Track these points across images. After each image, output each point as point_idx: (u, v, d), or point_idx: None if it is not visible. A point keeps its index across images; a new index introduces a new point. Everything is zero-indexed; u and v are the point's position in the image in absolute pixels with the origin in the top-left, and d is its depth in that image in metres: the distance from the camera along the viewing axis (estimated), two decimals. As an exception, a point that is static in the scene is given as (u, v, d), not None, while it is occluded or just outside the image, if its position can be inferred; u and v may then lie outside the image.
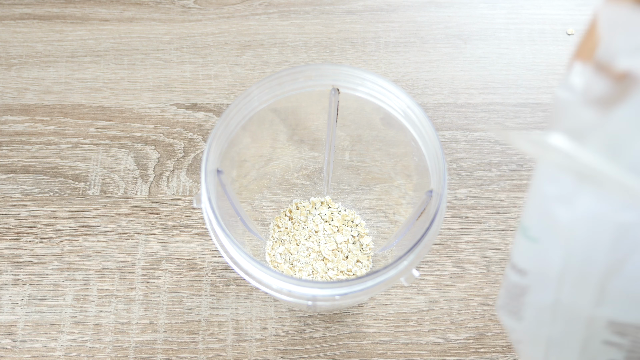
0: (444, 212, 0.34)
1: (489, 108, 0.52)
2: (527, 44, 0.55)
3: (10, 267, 0.45)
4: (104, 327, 0.42)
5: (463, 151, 0.50)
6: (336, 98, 0.39)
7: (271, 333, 0.43)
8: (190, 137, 0.50)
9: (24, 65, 0.53)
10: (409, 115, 0.36)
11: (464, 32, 0.56)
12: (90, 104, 0.51)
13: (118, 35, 0.55)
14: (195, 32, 0.55)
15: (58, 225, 0.46)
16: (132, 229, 0.46)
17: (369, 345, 0.42)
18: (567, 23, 0.57)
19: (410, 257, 0.32)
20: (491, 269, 0.45)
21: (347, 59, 0.54)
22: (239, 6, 0.57)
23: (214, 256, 0.45)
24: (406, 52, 0.55)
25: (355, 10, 0.57)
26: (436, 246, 0.46)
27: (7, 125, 0.50)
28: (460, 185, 0.48)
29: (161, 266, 0.45)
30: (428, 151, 0.36)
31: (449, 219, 0.47)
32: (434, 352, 0.42)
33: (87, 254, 0.45)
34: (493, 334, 0.43)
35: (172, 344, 0.42)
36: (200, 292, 0.44)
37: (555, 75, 0.54)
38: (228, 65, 0.53)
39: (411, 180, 0.43)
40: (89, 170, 0.48)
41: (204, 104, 0.52)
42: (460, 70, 0.54)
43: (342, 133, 0.44)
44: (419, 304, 0.44)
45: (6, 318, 0.43)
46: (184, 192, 0.48)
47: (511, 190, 0.48)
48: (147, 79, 0.53)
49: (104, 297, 0.44)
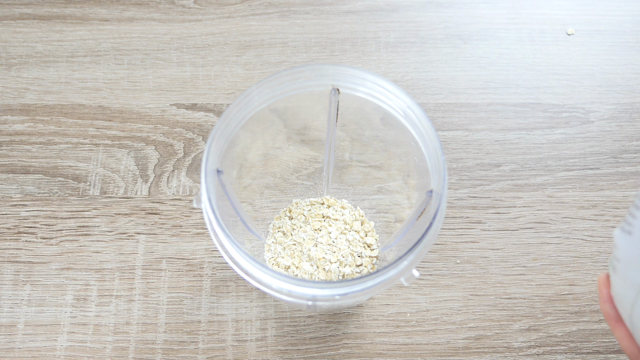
0: (444, 212, 0.34)
1: (489, 108, 0.52)
2: (527, 44, 0.55)
3: (10, 267, 0.45)
4: (104, 327, 0.42)
5: (463, 151, 0.50)
6: (336, 98, 0.39)
7: (271, 333, 0.43)
8: (190, 137, 0.50)
9: (24, 65, 0.53)
10: (409, 115, 0.36)
11: (464, 32, 0.56)
12: (90, 104, 0.51)
13: (118, 35, 0.55)
14: (195, 32, 0.55)
15: (58, 225, 0.46)
16: (132, 229, 0.46)
17: (369, 345, 0.42)
18: (567, 23, 0.57)
19: (410, 257, 0.32)
20: (491, 269, 0.45)
21: (347, 59, 0.54)
22: (239, 6, 0.57)
23: (214, 256, 0.45)
24: (406, 52, 0.55)
25: (355, 10, 0.57)
26: (436, 246, 0.46)
27: (7, 125, 0.50)
28: (460, 185, 0.48)
29: (161, 266, 0.45)
30: (428, 151, 0.36)
31: (449, 219, 0.47)
32: (434, 352, 0.42)
33: (87, 254, 0.45)
34: (493, 334, 0.43)
35: (172, 344, 0.42)
36: (200, 292, 0.44)
37: (555, 75, 0.54)
38: (228, 65, 0.53)
39: (411, 180, 0.43)
40: (89, 170, 0.48)
41: (204, 104, 0.52)
42: (460, 70, 0.54)
43: (342, 133, 0.44)
44: (419, 304, 0.44)
45: (6, 318, 0.43)
46: (184, 192, 0.48)
47: (511, 190, 0.48)
48: (147, 79, 0.53)
49: (104, 297, 0.43)
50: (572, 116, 0.52)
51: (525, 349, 0.42)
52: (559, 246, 0.46)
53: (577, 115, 0.52)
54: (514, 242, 0.46)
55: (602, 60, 0.55)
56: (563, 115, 0.52)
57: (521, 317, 0.43)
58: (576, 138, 0.51)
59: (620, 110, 0.52)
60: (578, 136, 0.51)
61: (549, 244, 0.46)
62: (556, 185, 0.48)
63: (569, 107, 0.52)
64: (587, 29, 0.56)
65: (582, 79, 0.54)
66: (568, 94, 0.53)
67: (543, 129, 0.51)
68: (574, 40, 0.56)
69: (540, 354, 0.42)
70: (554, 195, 0.48)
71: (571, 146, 0.50)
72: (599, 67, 0.54)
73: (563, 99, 0.53)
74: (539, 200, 0.48)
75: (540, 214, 0.47)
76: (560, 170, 0.49)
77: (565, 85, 0.53)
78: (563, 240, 0.46)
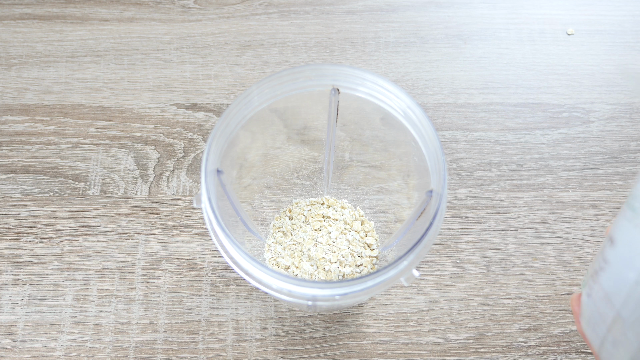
0: (444, 212, 0.34)
1: (489, 108, 0.52)
2: (527, 44, 0.55)
3: (10, 267, 0.45)
4: (104, 327, 0.42)
5: (463, 151, 0.50)
6: (336, 98, 0.39)
7: (271, 333, 0.43)
8: (190, 137, 0.50)
9: (24, 65, 0.53)
10: (409, 115, 0.36)
11: (464, 32, 0.56)
12: (90, 104, 0.51)
13: (118, 35, 0.55)
14: (195, 32, 0.55)
15: (58, 225, 0.46)
16: (132, 229, 0.46)
17: (369, 345, 0.42)
18: (567, 23, 0.57)
19: (410, 257, 0.32)
20: (491, 269, 0.45)
21: (347, 59, 0.54)
22: (239, 6, 0.57)
23: (214, 256, 0.45)
24: (406, 52, 0.55)
25: (355, 10, 0.57)
26: (436, 246, 0.46)
27: (7, 125, 0.50)
28: (460, 185, 0.48)
29: (161, 266, 0.45)
30: (428, 151, 0.36)
31: (449, 219, 0.47)
32: (434, 352, 0.42)
33: (87, 254, 0.45)
34: (493, 334, 0.43)
35: (172, 344, 0.42)
36: (200, 292, 0.44)
37: (555, 75, 0.54)
38: (228, 65, 0.53)
39: (411, 180, 0.43)
40: (89, 170, 0.48)
41: (204, 104, 0.52)
42: (460, 70, 0.54)
43: (342, 133, 0.44)
44: (419, 304, 0.44)
45: (6, 318, 0.43)
46: (184, 192, 0.48)
47: (511, 190, 0.48)
48: (147, 79, 0.53)
49: (104, 297, 0.44)
50: (572, 116, 0.52)
51: (525, 349, 0.42)
52: (559, 246, 0.46)
53: (577, 115, 0.52)
54: (514, 242, 0.46)
55: (602, 60, 0.55)
56: (563, 115, 0.52)
57: (521, 317, 0.43)
58: (576, 138, 0.51)
59: (620, 110, 0.52)
60: (578, 136, 0.51)
61: (549, 244, 0.46)
62: (556, 185, 0.48)
63: (569, 107, 0.52)
64: (587, 29, 0.56)
65: (582, 79, 0.54)
66: (568, 94, 0.53)
67: (543, 129, 0.51)
68: (574, 40, 0.56)
69: (540, 354, 0.42)
70: (554, 195, 0.48)
71: (571, 146, 0.50)
72: (599, 67, 0.54)
73: (563, 99, 0.53)
74: (539, 200, 0.48)
75: (540, 214, 0.47)
76: (560, 170, 0.49)
77: (565, 85, 0.53)
78: (563, 240, 0.46)
